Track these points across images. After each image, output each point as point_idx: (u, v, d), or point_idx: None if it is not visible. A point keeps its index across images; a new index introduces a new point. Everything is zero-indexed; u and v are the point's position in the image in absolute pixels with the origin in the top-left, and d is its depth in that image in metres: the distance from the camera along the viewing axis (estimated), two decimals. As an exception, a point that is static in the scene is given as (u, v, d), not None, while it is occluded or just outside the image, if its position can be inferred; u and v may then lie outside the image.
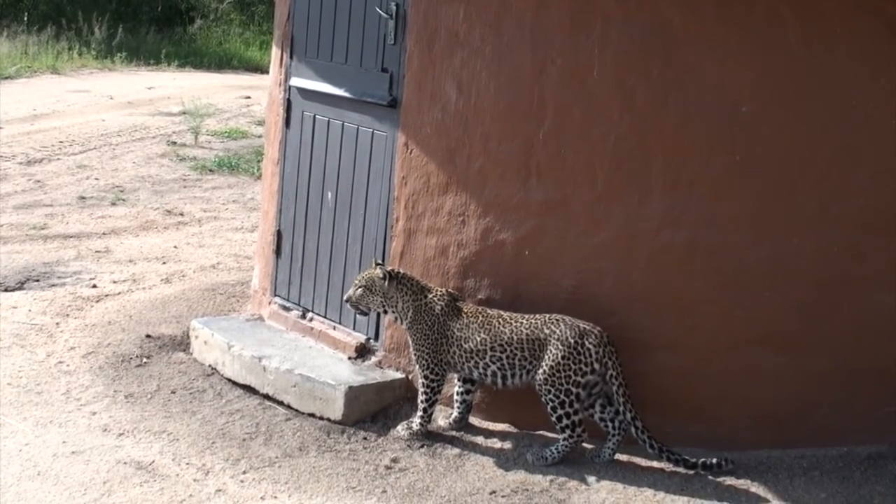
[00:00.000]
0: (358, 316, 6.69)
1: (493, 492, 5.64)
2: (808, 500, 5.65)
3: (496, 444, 6.13)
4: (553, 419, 5.85)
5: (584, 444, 5.96)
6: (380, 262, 6.34)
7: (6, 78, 21.41)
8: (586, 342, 5.80)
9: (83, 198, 12.15)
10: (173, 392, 6.71)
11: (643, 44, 5.91)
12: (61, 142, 15.41)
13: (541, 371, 5.82)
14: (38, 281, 8.92)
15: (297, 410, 6.42)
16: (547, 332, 5.84)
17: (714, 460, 5.78)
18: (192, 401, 6.61)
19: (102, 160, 14.35)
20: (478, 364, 5.96)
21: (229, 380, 6.82)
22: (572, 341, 5.79)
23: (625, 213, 5.99)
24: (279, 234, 7.48)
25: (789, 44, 5.86)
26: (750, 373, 6.07)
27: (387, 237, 6.64)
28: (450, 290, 6.22)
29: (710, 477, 5.77)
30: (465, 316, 6.04)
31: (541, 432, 6.09)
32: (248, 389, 6.65)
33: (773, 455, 6.04)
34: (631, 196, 5.98)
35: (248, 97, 21.10)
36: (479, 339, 5.94)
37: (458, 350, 5.99)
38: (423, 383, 6.08)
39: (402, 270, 6.24)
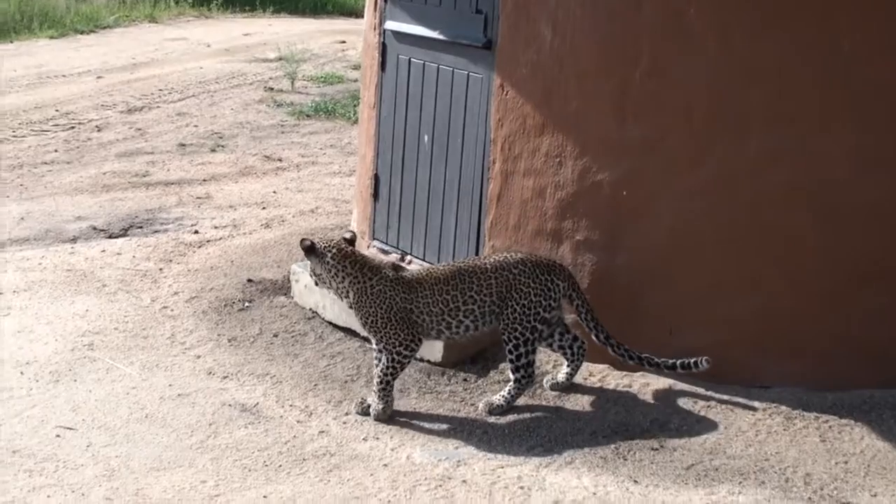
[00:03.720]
0: (457, 257, 6.72)
1: (594, 432, 5.65)
2: (912, 439, 5.60)
3: (595, 384, 6.13)
4: (512, 357, 5.81)
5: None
6: (305, 237, 5.90)
7: (105, 27, 21.68)
8: (555, 278, 5.82)
9: (183, 145, 12.30)
10: (275, 335, 6.79)
11: (741, -21, 5.82)
12: (160, 90, 15.60)
13: (510, 311, 5.76)
14: (141, 227, 9.07)
15: (397, 353, 6.47)
16: (515, 272, 5.78)
17: (690, 360, 5.78)
18: (293, 344, 6.69)
19: (201, 107, 14.50)
20: (450, 324, 5.78)
21: (330, 323, 6.89)
22: (543, 278, 5.79)
23: (724, 151, 5.91)
24: (377, 178, 7.51)
25: (893, -25, 5.74)
26: (853, 311, 6.00)
27: (483, 179, 6.64)
28: (393, 263, 6.08)
29: (810, 418, 5.74)
30: (417, 284, 5.73)
31: (641, 374, 6.07)
32: (349, 332, 6.71)
33: (876, 394, 5.96)
34: (730, 134, 5.90)
35: (344, 42, 21.14)
36: (448, 297, 5.73)
37: (427, 317, 5.74)
38: (392, 359, 5.69)
39: (342, 247, 5.76)
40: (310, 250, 5.75)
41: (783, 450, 5.47)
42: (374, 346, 5.85)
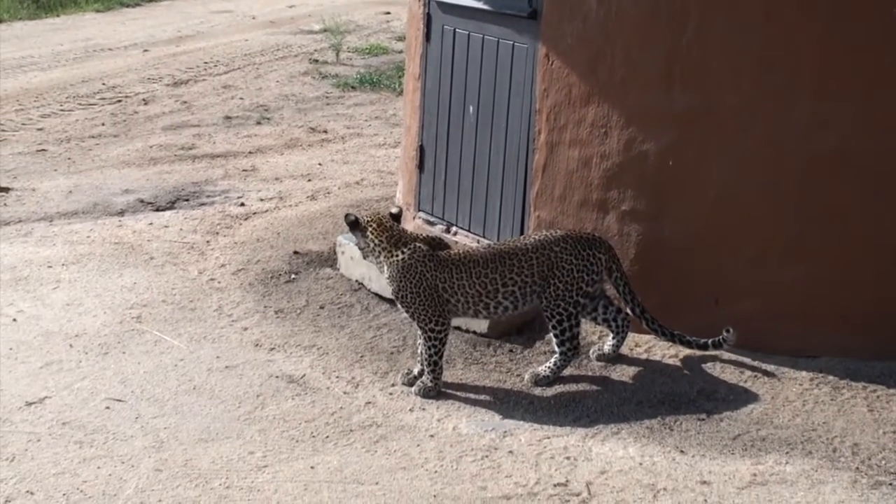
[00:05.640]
0: (503, 228, 6.73)
1: (640, 402, 5.64)
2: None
3: (641, 355, 6.12)
4: (556, 333, 5.81)
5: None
6: (349, 212, 5.92)
7: (151, 0, 21.75)
8: (596, 252, 5.79)
9: (229, 117, 12.34)
10: (322, 307, 6.82)
11: (789, -55, 5.76)
12: (206, 63, 15.66)
13: (552, 289, 5.74)
14: (187, 200, 9.12)
15: (443, 324, 6.48)
16: (557, 249, 5.75)
17: (719, 338, 5.82)
18: (340, 315, 6.71)
19: (246, 80, 14.55)
20: (488, 305, 5.77)
21: (376, 294, 6.91)
22: (585, 253, 5.76)
23: (771, 119, 5.87)
24: (422, 150, 7.50)
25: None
26: (902, 281, 5.96)
27: (529, 150, 6.62)
28: (430, 237, 6.01)
29: (858, 388, 5.71)
30: (453, 265, 5.71)
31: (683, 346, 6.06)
32: (395, 303, 6.71)
33: (926, 364, 5.93)
34: (778, 102, 5.85)
35: (388, 13, 21.13)
36: (487, 280, 5.71)
37: (463, 298, 5.74)
38: (427, 337, 5.73)
39: (382, 220, 5.79)
40: (353, 225, 5.78)
41: (830, 420, 5.45)
42: None
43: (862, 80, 5.76)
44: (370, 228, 5.75)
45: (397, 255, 5.69)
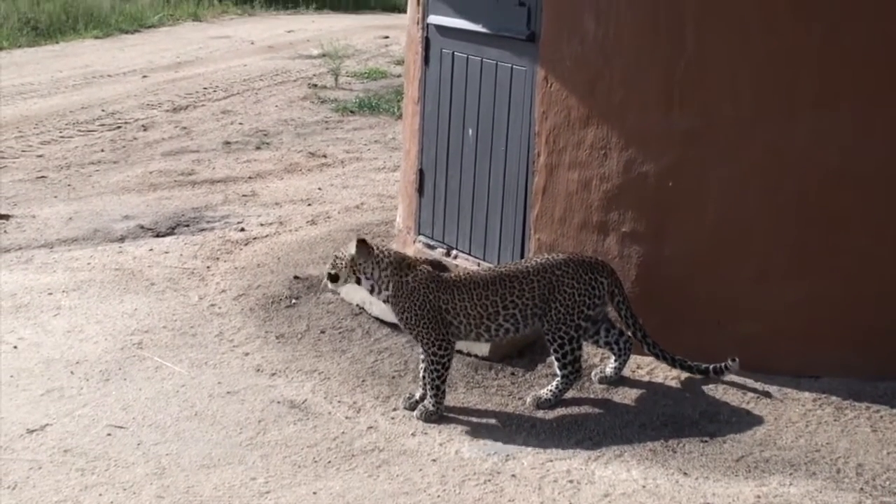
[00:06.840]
0: (503, 251, 6.72)
1: (643, 425, 5.63)
2: (966, 428, 5.54)
3: (644, 378, 6.10)
4: (558, 356, 5.79)
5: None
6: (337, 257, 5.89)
7: (149, 27, 21.83)
8: (598, 276, 5.78)
9: (228, 143, 12.36)
10: (323, 332, 6.81)
11: (786, -39, 5.77)
12: (205, 88, 15.69)
13: (554, 313, 5.72)
14: (187, 226, 9.12)
15: (444, 347, 6.46)
16: (559, 273, 5.74)
17: (721, 364, 5.82)
18: (341, 340, 6.70)
19: (246, 105, 14.58)
20: (489, 328, 5.75)
21: (377, 318, 6.90)
22: (587, 277, 5.75)
23: (771, 137, 5.86)
24: (421, 173, 7.50)
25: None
26: (904, 299, 5.95)
27: (528, 173, 6.62)
28: (431, 259, 6.00)
29: (861, 408, 5.69)
30: (455, 287, 5.71)
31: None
32: (396, 328, 6.70)
33: (929, 383, 5.92)
34: (777, 116, 5.84)
35: (387, 37, 21.19)
36: (488, 303, 5.70)
37: (465, 320, 5.72)
38: (431, 360, 5.71)
39: (382, 248, 5.81)
40: (362, 244, 5.71)
41: (834, 440, 5.43)
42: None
43: (861, 95, 5.76)
44: (376, 255, 5.70)
45: (404, 279, 5.68)
